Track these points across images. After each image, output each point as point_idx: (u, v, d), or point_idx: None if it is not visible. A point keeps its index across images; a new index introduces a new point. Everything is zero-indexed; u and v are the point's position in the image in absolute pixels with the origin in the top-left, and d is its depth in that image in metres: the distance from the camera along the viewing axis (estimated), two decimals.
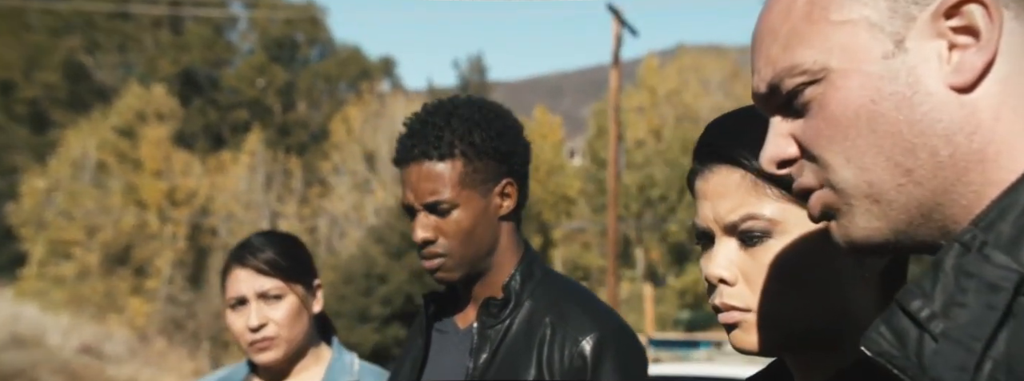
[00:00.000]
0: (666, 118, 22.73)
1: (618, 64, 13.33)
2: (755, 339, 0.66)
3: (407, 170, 1.19)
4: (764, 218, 0.66)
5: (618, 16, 12.92)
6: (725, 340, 7.11)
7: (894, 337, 0.49)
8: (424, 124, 1.19)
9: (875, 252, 0.54)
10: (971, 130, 0.50)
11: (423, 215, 1.19)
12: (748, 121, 0.68)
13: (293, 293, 1.43)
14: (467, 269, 1.20)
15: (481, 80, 30.95)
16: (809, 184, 0.54)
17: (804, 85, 0.53)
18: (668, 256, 20.34)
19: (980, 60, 0.49)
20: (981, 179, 0.50)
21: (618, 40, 13.02)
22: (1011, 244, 0.47)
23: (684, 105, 23.21)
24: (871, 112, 0.51)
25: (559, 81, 62.33)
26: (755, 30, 0.57)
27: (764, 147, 0.56)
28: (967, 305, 0.47)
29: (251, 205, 23.59)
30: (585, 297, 1.21)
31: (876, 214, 0.52)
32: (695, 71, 23.94)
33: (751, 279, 0.66)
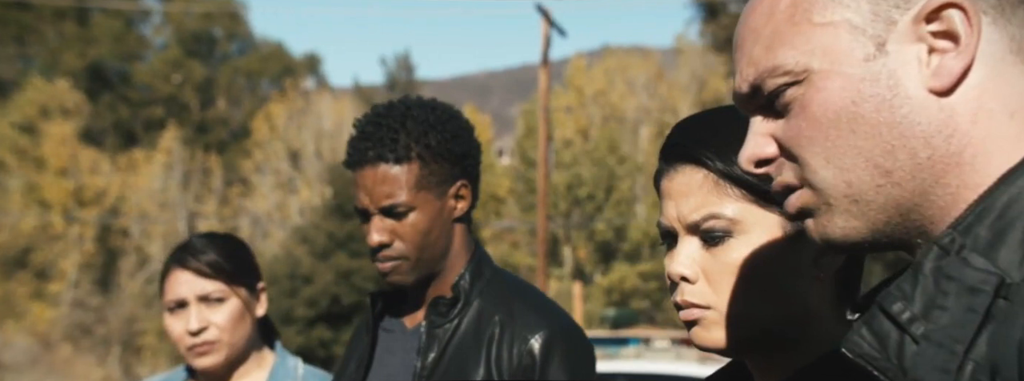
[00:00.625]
0: (593, 118, 23.09)
1: (547, 64, 13.44)
2: (715, 336, 0.68)
3: (361, 173, 1.18)
4: (725, 218, 0.67)
5: (547, 16, 13.02)
6: (654, 337, 7.24)
7: (875, 339, 0.50)
8: (378, 126, 1.18)
9: (851, 250, 0.55)
10: (949, 133, 0.50)
11: (378, 219, 1.17)
12: (713, 122, 0.70)
13: (236, 296, 1.39)
14: (421, 272, 1.19)
15: (408, 78, 30.64)
16: (788, 182, 0.55)
17: (785, 86, 0.54)
18: (595, 254, 20.67)
19: (959, 65, 0.50)
20: (958, 181, 0.50)
21: (547, 40, 13.12)
22: (988, 247, 0.47)
23: (610, 105, 23.61)
24: (852, 113, 0.51)
25: (487, 80, 62.44)
26: (737, 31, 0.57)
27: (744, 146, 0.56)
28: (947, 308, 0.47)
29: (166, 205, 22.63)
30: (534, 296, 1.21)
31: (854, 213, 0.52)
32: (621, 72, 24.39)
33: (712, 277, 0.68)
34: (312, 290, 14.76)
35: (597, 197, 20.95)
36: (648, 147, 23.31)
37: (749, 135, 0.56)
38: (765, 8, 0.55)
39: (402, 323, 1.24)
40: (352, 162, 1.19)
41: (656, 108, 23.83)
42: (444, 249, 1.19)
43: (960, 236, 0.49)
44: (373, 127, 1.17)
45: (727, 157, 0.67)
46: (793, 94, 0.53)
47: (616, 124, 23.03)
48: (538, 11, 13.06)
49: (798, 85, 0.53)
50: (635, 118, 23.62)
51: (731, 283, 0.67)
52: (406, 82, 30.46)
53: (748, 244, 0.67)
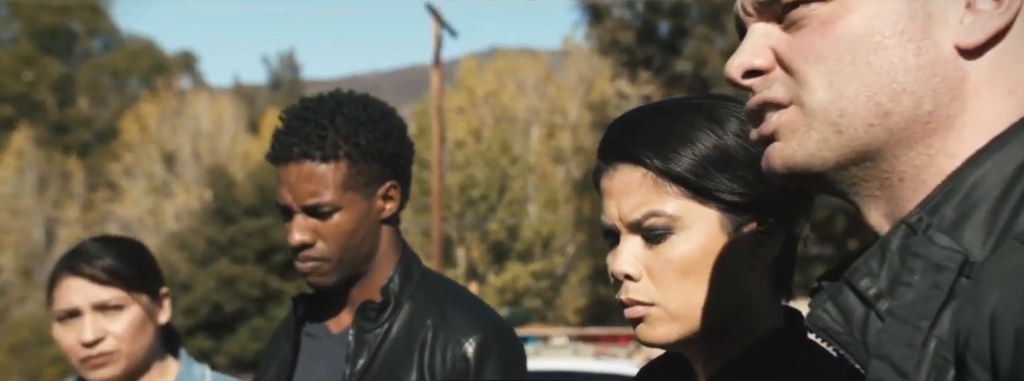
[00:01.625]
0: (485, 119, 23.19)
1: (439, 65, 13.35)
2: (660, 332, 0.69)
3: (285, 169, 1.12)
4: (665, 215, 0.68)
5: (437, 16, 12.93)
6: (552, 335, 7.33)
7: (839, 314, 0.49)
8: (305, 121, 1.12)
9: (804, 182, 0.53)
10: (955, 94, 0.49)
11: (301, 217, 1.12)
12: (649, 121, 0.70)
13: (136, 303, 1.30)
14: (344, 274, 1.14)
15: (293, 78, 29.67)
16: (775, 97, 0.52)
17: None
18: (488, 255, 20.77)
19: (995, 25, 0.49)
20: (940, 145, 0.49)
21: (438, 41, 13.03)
22: (953, 227, 0.47)
23: (501, 106, 23.80)
24: (874, 43, 0.49)
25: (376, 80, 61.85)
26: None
27: (736, 54, 0.53)
28: (913, 285, 0.47)
29: (20, 211, 20.74)
30: (466, 298, 1.18)
31: (832, 144, 0.50)
32: (511, 73, 24.63)
33: (655, 274, 0.69)
34: (190, 298, 13.97)
35: (490, 198, 21.06)
36: (539, 147, 23.66)
37: (746, 42, 0.53)
38: None
39: (326, 328, 1.20)
40: (276, 157, 1.14)
41: (546, 109, 24.23)
42: (369, 251, 1.15)
43: (927, 215, 0.48)
44: (300, 122, 1.13)
45: (665, 155, 0.68)
46: (817, 10, 0.50)
47: (507, 125, 23.23)
48: (428, 11, 12.95)
49: (825, 2, 0.50)
50: (525, 119, 23.91)
51: (674, 279, 0.68)
52: (291, 81, 29.50)
53: (689, 240, 0.69)
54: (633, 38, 17.71)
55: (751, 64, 0.52)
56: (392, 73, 64.81)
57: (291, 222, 1.13)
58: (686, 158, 0.68)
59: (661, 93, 17.91)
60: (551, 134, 23.92)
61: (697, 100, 0.73)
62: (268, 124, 28.35)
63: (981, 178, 0.48)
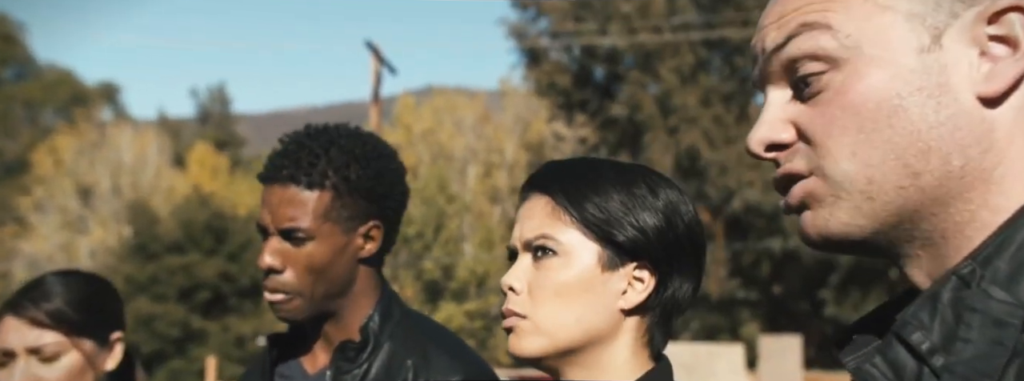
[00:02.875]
0: (422, 157, 23.14)
1: (378, 101, 13.32)
2: (524, 344, 0.77)
3: (270, 190, 1.11)
4: (555, 239, 0.77)
5: (377, 53, 12.95)
6: None
7: (890, 369, 0.48)
8: (301, 146, 1.11)
9: (844, 249, 0.52)
10: (986, 146, 0.48)
11: (275, 240, 1.10)
12: (571, 166, 0.81)
13: (77, 350, 1.21)
14: (313, 310, 1.11)
15: (223, 111, 29.02)
16: (797, 170, 0.51)
17: (824, 68, 0.50)
18: (422, 293, 20.48)
19: (1014, 72, 0.48)
20: (980, 199, 0.48)
21: (378, 77, 13.03)
22: (1008, 280, 0.46)
23: (439, 144, 23.84)
24: (894, 106, 0.48)
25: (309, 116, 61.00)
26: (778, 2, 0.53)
27: (757, 127, 0.53)
28: (971, 340, 0.45)
29: None
30: (447, 338, 1.16)
31: (865, 212, 0.49)
32: (449, 111, 24.78)
33: (533, 291, 0.77)
34: None
35: (425, 236, 20.87)
36: (476, 186, 23.71)
37: (765, 115, 0.52)
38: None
39: (302, 368, 1.16)
40: (265, 176, 1.12)
41: (483, 148, 24.39)
42: (341, 289, 1.12)
43: (980, 267, 0.47)
44: (296, 146, 1.12)
45: (571, 191, 0.78)
46: (829, 79, 0.50)
47: (444, 163, 23.23)
48: (368, 48, 12.97)
49: (837, 70, 0.50)
50: (463, 157, 24.00)
51: (547, 297, 0.76)
52: (220, 115, 28.82)
53: (569, 266, 0.77)
54: (569, 81, 18.14)
55: (772, 139, 0.52)
56: (326, 109, 64.16)
57: (265, 243, 1.11)
58: (588, 198, 0.77)
59: (596, 136, 18.30)
60: (488, 173, 24.04)
61: (619, 163, 0.82)
62: (195, 158, 27.60)
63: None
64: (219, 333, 18.49)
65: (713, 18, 16.96)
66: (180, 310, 17.93)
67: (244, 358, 17.45)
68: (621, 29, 17.33)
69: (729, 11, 16.81)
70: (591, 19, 17.60)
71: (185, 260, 18.36)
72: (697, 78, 17.12)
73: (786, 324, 16.40)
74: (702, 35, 16.99)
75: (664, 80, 17.07)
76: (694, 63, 17.15)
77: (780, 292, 17.49)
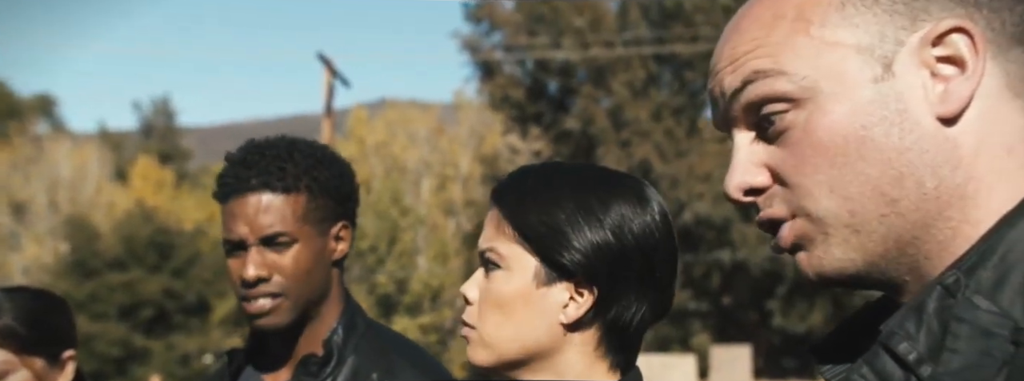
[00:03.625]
0: (375, 169, 22.93)
1: (331, 114, 13.17)
2: (476, 354, 0.79)
3: (241, 201, 1.08)
4: (497, 252, 0.78)
5: (329, 66, 12.83)
6: None
7: (877, 379, 0.48)
8: (262, 155, 1.10)
9: (841, 285, 0.52)
10: (955, 164, 0.49)
11: (256, 250, 1.08)
12: (530, 176, 0.81)
13: (27, 368, 1.18)
14: (298, 314, 1.09)
15: (168, 124, 28.29)
16: (779, 215, 0.52)
17: (784, 107, 0.51)
18: (376, 307, 20.20)
19: (966, 90, 0.49)
20: (960, 216, 0.49)
21: (330, 90, 12.89)
22: (993, 289, 0.46)
23: (392, 157, 23.66)
24: (861, 138, 0.49)
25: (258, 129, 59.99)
26: (728, 37, 0.54)
27: (731, 172, 0.53)
28: (959, 351, 0.46)
29: None
30: (411, 351, 1.14)
31: (854, 245, 0.50)
32: (402, 124, 24.64)
33: (480, 303, 0.79)
34: None
35: (379, 249, 20.62)
36: (430, 199, 23.58)
37: (736, 160, 0.53)
38: (767, 18, 0.52)
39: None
40: (231, 190, 1.10)
41: (437, 161, 24.30)
42: (322, 293, 1.12)
43: (964, 277, 0.47)
44: (256, 156, 1.11)
45: (517, 204, 0.79)
46: (793, 119, 0.51)
47: (398, 176, 23.06)
48: (320, 60, 12.83)
49: (799, 108, 0.51)
50: (416, 170, 23.86)
51: (490, 310, 0.78)
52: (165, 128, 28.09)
53: (510, 280, 0.78)
54: (523, 95, 18.25)
55: (748, 184, 0.53)
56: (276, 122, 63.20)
57: (244, 256, 1.08)
58: (531, 212, 0.77)
59: (550, 149, 18.43)
60: (442, 186, 23.95)
61: (584, 171, 0.80)
62: (138, 172, 26.78)
63: (1016, 239, 0.47)
64: (163, 352, 17.89)
65: (663, 33, 17.31)
66: (121, 329, 17.30)
67: (189, 377, 16.90)
68: (574, 43, 17.55)
69: (678, 27, 17.18)
70: (544, 33, 17.77)
71: (127, 277, 17.76)
72: (648, 92, 17.42)
73: (735, 334, 16.68)
74: (653, 50, 17.32)
75: (616, 94, 17.32)
76: (645, 77, 17.45)
77: (730, 303, 17.80)
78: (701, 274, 17.38)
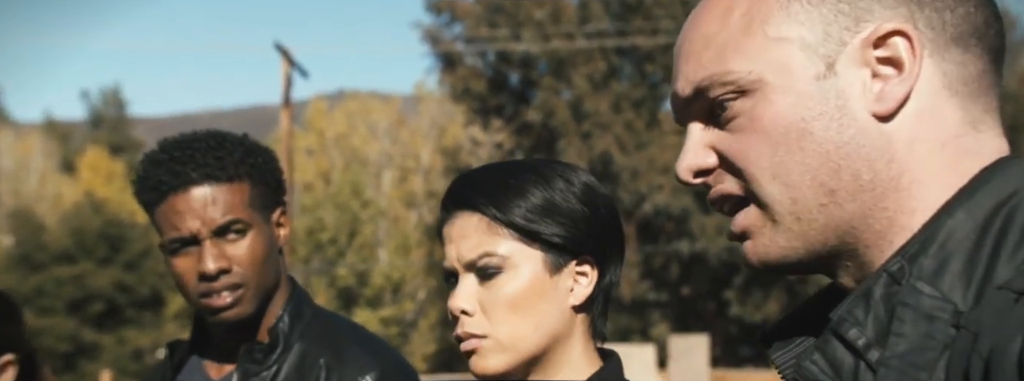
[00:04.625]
0: (335, 161, 22.65)
1: (289, 105, 12.95)
2: (492, 363, 0.78)
3: (183, 197, 1.05)
4: (498, 255, 0.78)
5: (287, 56, 12.60)
6: None
7: (829, 365, 0.50)
8: (193, 150, 1.07)
9: (785, 272, 0.55)
10: (889, 158, 0.52)
11: (211, 243, 1.05)
12: (488, 175, 0.81)
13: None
14: (259, 303, 1.08)
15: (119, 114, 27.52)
16: (730, 190, 0.54)
17: (734, 95, 0.53)
18: (336, 300, 20.01)
19: (901, 90, 0.52)
20: (895, 206, 0.52)
21: (288, 81, 12.67)
22: (934, 275, 0.49)
23: (352, 149, 23.40)
24: (801, 130, 0.52)
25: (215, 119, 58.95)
26: (684, 36, 0.56)
27: (682, 156, 0.55)
28: (904, 335, 0.48)
29: None
30: (361, 335, 1.13)
31: (797, 233, 0.53)
32: (363, 116, 24.37)
33: (488, 309, 0.78)
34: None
35: (339, 242, 20.41)
36: (391, 192, 23.40)
37: (688, 144, 0.56)
38: (718, 15, 0.55)
39: (206, 374, 1.12)
40: (168, 188, 1.06)
41: (398, 153, 24.12)
42: (276, 279, 1.11)
43: (908, 264, 0.49)
44: (188, 151, 1.08)
45: (499, 203, 0.79)
46: (741, 106, 0.53)
47: (358, 168, 22.82)
48: (277, 50, 12.60)
49: (747, 97, 0.53)
50: (377, 162, 23.65)
51: (504, 313, 0.77)
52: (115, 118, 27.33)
53: (517, 278, 0.78)
54: (485, 86, 18.20)
55: (698, 165, 0.55)
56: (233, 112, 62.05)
57: (195, 253, 1.06)
58: (517, 206, 0.78)
59: (512, 141, 18.44)
60: (403, 178, 23.79)
61: (529, 162, 0.84)
62: (87, 163, 25.99)
63: (954, 228, 0.50)
64: (114, 346, 17.48)
65: (624, 26, 17.43)
66: (70, 323, 16.83)
67: (142, 372, 16.55)
68: (535, 35, 17.55)
69: (639, 19, 17.32)
70: (505, 25, 17.74)
71: (76, 270, 17.27)
72: (609, 84, 17.53)
73: (694, 324, 16.97)
74: (614, 42, 17.43)
75: (577, 86, 17.39)
76: (606, 70, 17.55)
77: (688, 293, 18.10)
78: (660, 265, 17.61)
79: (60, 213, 19.08)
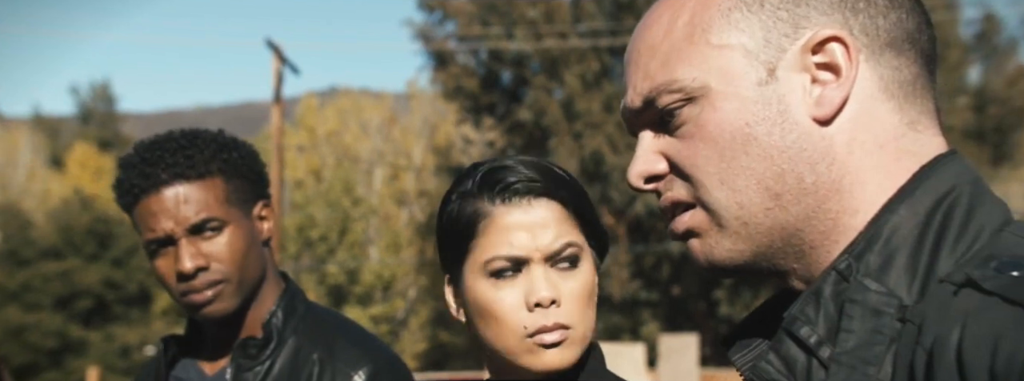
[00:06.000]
0: (326, 159, 22.56)
1: (280, 102, 12.90)
2: (569, 355, 0.76)
3: (156, 198, 1.06)
4: (577, 246, 0.78)
5: (279, 53, 12.55)
6: None
7: (783, 364, 0.51)
8: (164, 150, 1.08)
9: (731, 274, 0.56)
10: (830, 161, 0.53)
11: (187, 242, 1.05)
12: (551, 168, 0.80)
13: None
14: (243, 297, 1.08)
15: (108, 110, 27.33)
16: (680, 197, 0.56)
17: (682, 103, 0.55)
18: (327, 298, 19.96)
19: (839, 95, 0.53)
20: (838, 207, 0.53)
21: (279, 77, 12.62)
22: (879, 271, 0.50)
23: (344, 146, 23.33)
24: (746, 135, 0.53)
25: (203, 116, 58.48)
26: (631, 47, 0.58)
27: (633, 163, 0.57)
28: (853, 331, 0.49)
29: None
30: (354, 331, 1.13)
31: (743, 236, 0.54)
32: (355, 113, 24.30)
33: (567, 300, 0.77)
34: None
35: (330, 239, 20.35)
36: (382, 189, 23.35)
37: (639, 151, 0.57)
38: (663, 25, 0.56)
39: (200, 370, 1.12)
40: (142, 189, 1.07)
41: (390, 151, 24.05)
42: (260, 273, 1.11)
43: (855, 261, 0.51)
44: (157, 152, 1.09)
45: (576, 197, 0.80)
46: (688, 113, 0.55)
47: (350, 165, 22.76)
48: (269, 47, 12.54)
49: (693, 104, 0.55)
50: (369, 160, 23.58)
51: (582, 305, 0.78)
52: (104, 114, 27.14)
53: (587, 270, 0.79)
54: (477, 85, 18.18)
55: (648, 172, 0.57)
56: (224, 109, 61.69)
57: (172, 252, 1.06)
58: (586, 203, 0.80)
59: (504, 139, 18.43)
60: (395, 176, 23.74)
61: None
62: (75, 158, 25.82)
63: (897, 224, 0.51)
64: (102, 343, 17.37)
65: (616, 25, 17.45)
66: (57, 319, 16.71)
67: (130, 368, 16.45)
68: (527, 34, 17.54)
69: (631, 19, 17.35)
70: (497, 23, 17.72)
71: (63, 266, 17.14)
72: (601, 84, 17.56)
73: (684, 323, 17.02)
74: (607, 42, 17.45)
75: (569, 85, 17.40)
76: (598, 69, 17.57)
77: (678, 293, 18.15)
78: (651, 265, 17.65)
79: (48, 209, 18.93)
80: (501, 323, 0.76)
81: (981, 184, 0.53)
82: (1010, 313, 0.44)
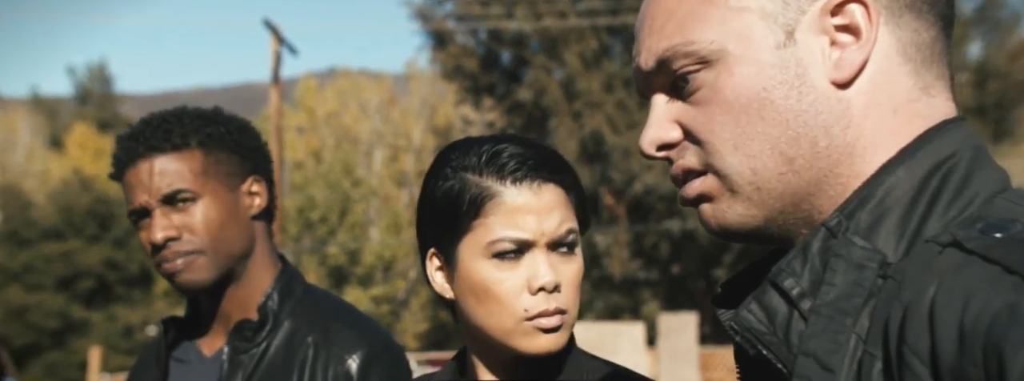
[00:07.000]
0: (325, 140, 22.52)
1: (278, 83, 12.84)
2: (561, 340, 0.76)
3: (134, 172, 1.07)
4: (576, 232, 0.79)
5: (276, 33, 12.46)
6: None
7: (764, 314, 0.51)
8: (147, 125, 1.09)
9: (742, 238, 0.55)
10: (845, 124, 0.53)
11: (160, 213, 1.06)
12: (554, 152, 0.80)
13: None
14: (220, 270, 1.08)
15: (105, 91, 27.23)
16: (691, 165, 0.55)
17: (697, 67, 0.54)
18: (328, 279, 20.05)
19: (859, 58, 0.52)
20: (849, 171, 0.53)
21: (277, 58, 12.54)
22: (869, 230, 0.50)
23: (343, 127, 23.27)
24: (762, 99, 0.53)
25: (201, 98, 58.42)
26: (645, 10, 0.57)
27: (646, 130, 0.56)
28: (834, 284, 0.49)
29: None
30: (350, 314, 1.13)
31: (755, 201, 0.54)
32: (354, 94, 24.19)
33: (564, 286, 0.77)
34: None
35: (330, 220, 20.39)
36: (382, 170, 23.33)
37: (652, 118, 0.56)
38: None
39: (198, 351, 1.13)
40: (123, 165, 1.08)
41: (389, 132, 23.99)
42: (244, 248, 1.10)
43: (845, 219, 0.51)
44: (140, 127, 1.10)
45: (576, 185, 0.80)
46: (704, 78, 0.54)
47: (349, 146, 22.72)
48: (266, 27, 12.45)
49: (709, 69, 0.54)
50: (368, 141, 23.53)
51: (575, 291, 0.78)
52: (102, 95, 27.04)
53: (580, 255, 0.79)
54: (476, 65, 18.07)
55: (662, 139, 0.56)
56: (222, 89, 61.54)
57: (149, 222, 1.07)
58: (582, 189, 0.81)
59: (504, 120, 18.38)
60: (395, 157, 23.71)
61: None
62: (74, 139, 25.79)
63: (893, 185, 0.51)
64: (104, 323, 17.48)
65: (615, 4, 17.30)
66: (58, 299, 16.80)
67: (133, 349, 16.59)
68: (527, 13, 17.40)
69: None
70: (496, 3, 17.57)
71: (64, 247, 17.20)
72: (600, 63, 17.45)
73: (684, 302, 17.12)
74: (606, 21, 17.31)
75: (568, 65, 17.30)
76: (598, 48, 17.45)
77: (678, 272, 18.23)
78: (651, 244, 17.70)
79: (48, 189, 18.95)
80: (501, 304, 0.75)
81: (983, 151, 0.53)
82: (987, 272, 0.45)
